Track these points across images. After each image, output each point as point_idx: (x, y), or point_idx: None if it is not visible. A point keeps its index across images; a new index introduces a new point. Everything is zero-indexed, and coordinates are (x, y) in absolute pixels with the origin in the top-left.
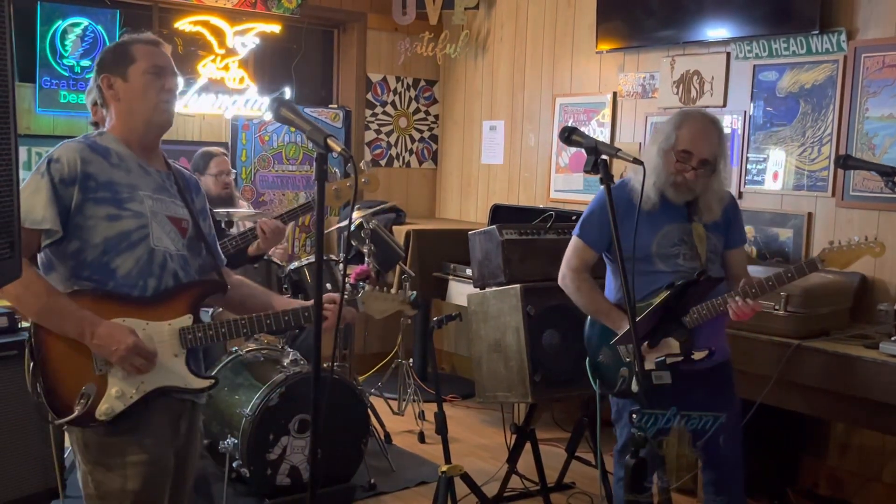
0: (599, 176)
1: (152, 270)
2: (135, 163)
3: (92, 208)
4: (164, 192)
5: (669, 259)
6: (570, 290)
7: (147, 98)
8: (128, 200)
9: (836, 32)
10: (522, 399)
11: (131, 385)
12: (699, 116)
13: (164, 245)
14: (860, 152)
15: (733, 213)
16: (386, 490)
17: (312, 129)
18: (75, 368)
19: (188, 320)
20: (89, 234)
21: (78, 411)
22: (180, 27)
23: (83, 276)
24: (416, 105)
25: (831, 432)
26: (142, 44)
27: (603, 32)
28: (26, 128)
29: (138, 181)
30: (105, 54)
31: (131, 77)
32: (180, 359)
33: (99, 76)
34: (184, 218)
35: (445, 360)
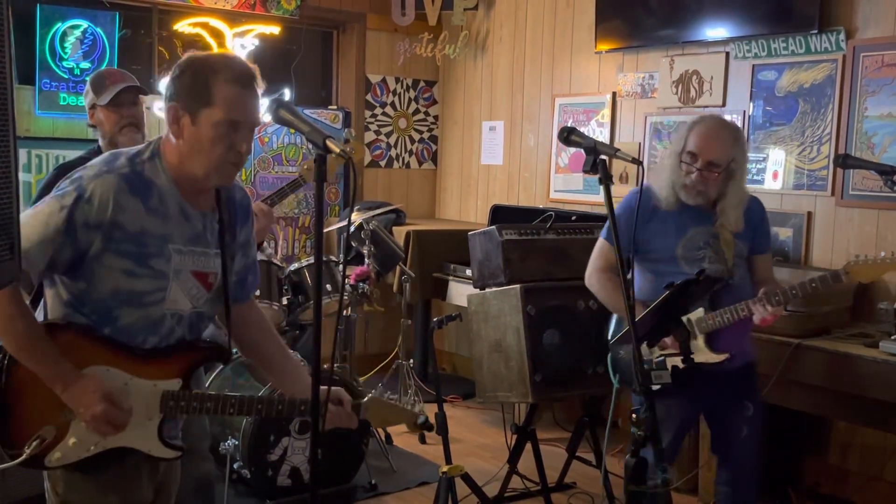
0: (598, 176)
1: (157, 331)
2: (176, 206)
3: (111, 259)
4: (199, 242)
5: (694, 262)
6: (595, 290)
7: (212, 154)
8: (153, 256)
9: (835, 32)
10: (523, 399)
11: (91, 439)
12: (711, 120)
13: (178, 307)
14: (859, 151)
15: (759, 218)
16: (387, 490)
17: (311, 131)
18: (41, 403)
19: (176, 385)
20: (100, 281)
21: (27, 453)
22: (179, 29)
23: (82, 312)
24: (416, 106)
25: (833, 431)
26: (228, 83)
27: (602, 32)
28: (26, 130)
29: (173, 230)
30: (182, 75)
31: (202, 122)
32: (153, 423)
33: (169, 101)
34: (212, 272)
35: (446, 361)
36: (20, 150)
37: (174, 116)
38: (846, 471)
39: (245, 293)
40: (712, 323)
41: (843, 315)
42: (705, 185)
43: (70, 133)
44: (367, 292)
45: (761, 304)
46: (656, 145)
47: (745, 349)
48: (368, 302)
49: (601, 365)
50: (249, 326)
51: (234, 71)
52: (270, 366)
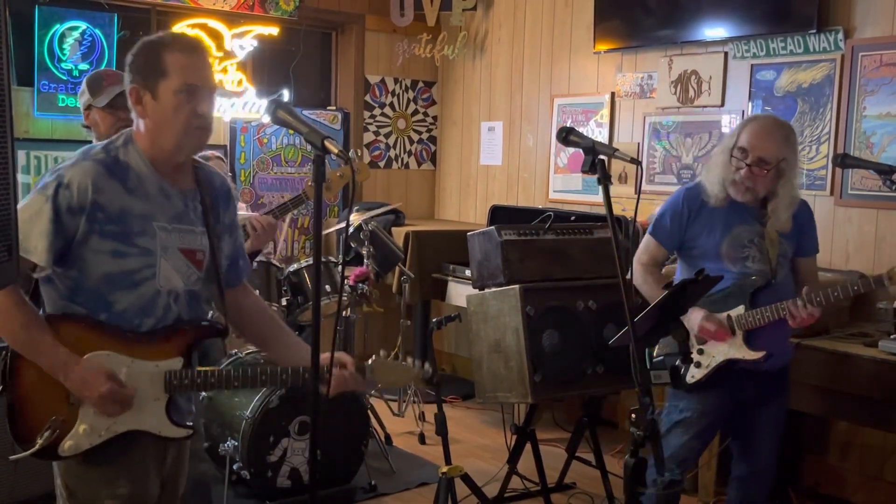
0: (597, 176)
1: (153, 311)
2: (155, 186)
3: (97, 242)
4: (183, 220)
5: (738, 261)
6: (637, 283)
7: (177, 122)
8: (138, 235)
9: (834, 31)
10: (522, 399)
11: (102, 424)
12: (764, 118)
13: (172, 284)
14: (858, 151)
15: (807, 221)
16: (386, 491)
17: (310, 132)
18: (48, 395)
19: (178, 363)
20: (90, 266)
21: (40, 444)
22: (178, 30)
23: (77, 301)
24: (415, 106)
25: (832, 431)
26: (178, 52)
27: (601, 33)
28: (24, 131)
29: (155, 209)
30: (136, 57)
31: (161, 94)
32: (160, 403)
33: (129, 85)
34: (199, 249)
35: (446, 361)
36: (19, 151)
37: (136, 97)
38: (846, 471)
39: (238, 277)
40: (752, 320)
41: (842, 315)
42: (754, 181)
43: (68, 134)
44: (367, 293)
45: (802, 304)
46: (655, 145)
47: (784, 350)
48: (367, 303)
49: (601, 365)
50: (246, 309)
51: (181, 41)
52: (270, 344)
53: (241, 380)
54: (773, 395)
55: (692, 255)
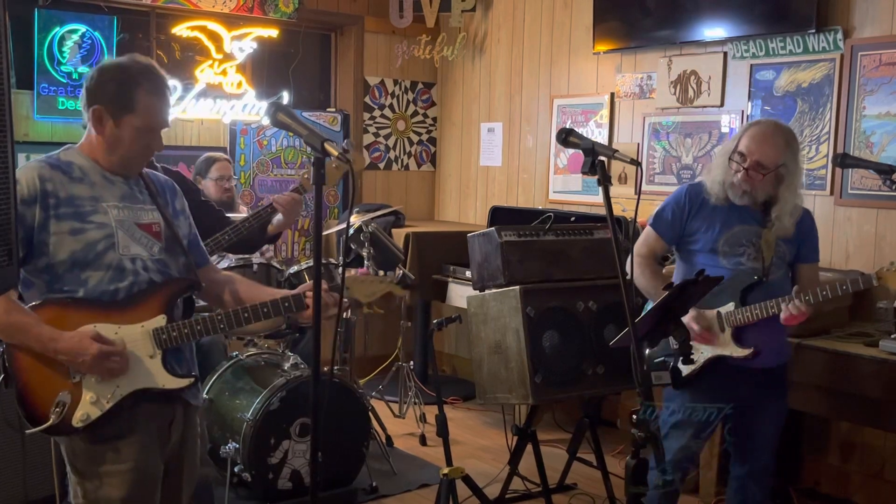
0: (597, 177)
1: (123, 277)
2: (98, 175)
3: (55, 225)
4: (132, 200)
5: (733, 258)
6: (634, 274)
7: (131, 150)
8: (91, 213)
9: (833, 31)
10: (523, 400)
11: (107, 390)
12: (766, 123)
13: (134, 252)
14: (858, 150)
15: (808, 228)
16: (388, 493)
17: (309, 134)
18: (50, 377)
19: (162, 320)
20: (55, 249)
21: (53, 419)
22: (178, 33)
23: (56, 289)
24: (414, 108)
25: (833, 431)
26: (148, 93)
27: (600, 33)
28: (24, 134)
29: (102, 192)
30: (106, 83)
31: (124, 126)
32: (156, 359)
33: (91, 104)
34: (154, 222)
35: (446, 363)
36: (18, 154)
37: (98, 117)
38: (846, 470)
39: (202, 257)
40: (741, 318)
41: (842, 314)
42: (751, 185)
43: (68, 137)
44: None
45: (791, 302)
46: (655, 146)
47: (778, 348)
48: (368, 304)
49: (601, 366)
50: (218, 283)
51: (153, 82)
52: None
53: (226, 322)
54: (771, 395)
55: (689, 250)
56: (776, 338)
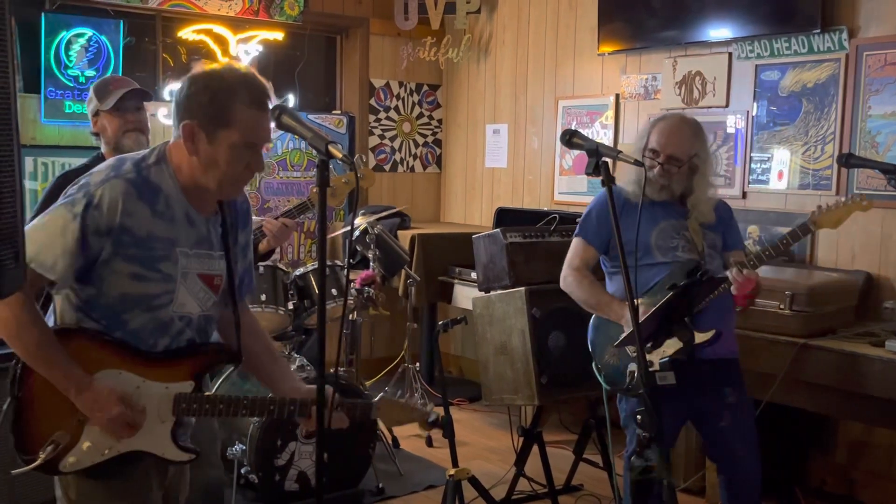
0: (601, 178)
1: (167, 332)
2: (182, 211)
3: (119, 264)
4: (205, 245)
5: (668, 251)
6: (571, 287)
7: (227, 172)
8: (160, 260)
9: (838, 31)
10: (529, 401)
11: (105, 443)
12: (671, 117)
13: (188, 310)
14: (863, 150)
15: (727, 215)
16: (394, 494)
17: (314, 136)
18: (55, 408)
19: (188, 387)
20: (109, 286)
21: (41, 459)
22: (183, 36)
23: (92, 316)
24: (420, 110)
25: (839, 430)
26: (247, 105)
27: (605, 34)
28: (32, 138)
29: (179, 234)
30: (200, 95)
31: (220, 142)
32: (166, 426)
33: (182, 118)
34: (217, 274)
35: (453, 364)
36: (26, 158)
37: (190, 134)
38: (853, 470)
39: (240, 295)
40: None
41: (848, 314)
42: (668, 179)
43: (76, 141)
44: (372, 296)
45: (737, 270)
46: None
47: (729, 337)
48: (374, 306)
49: None
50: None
51: (252, 93)
52: (259, 369)
53: (248, 409)
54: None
55: None
56: (727, 326)
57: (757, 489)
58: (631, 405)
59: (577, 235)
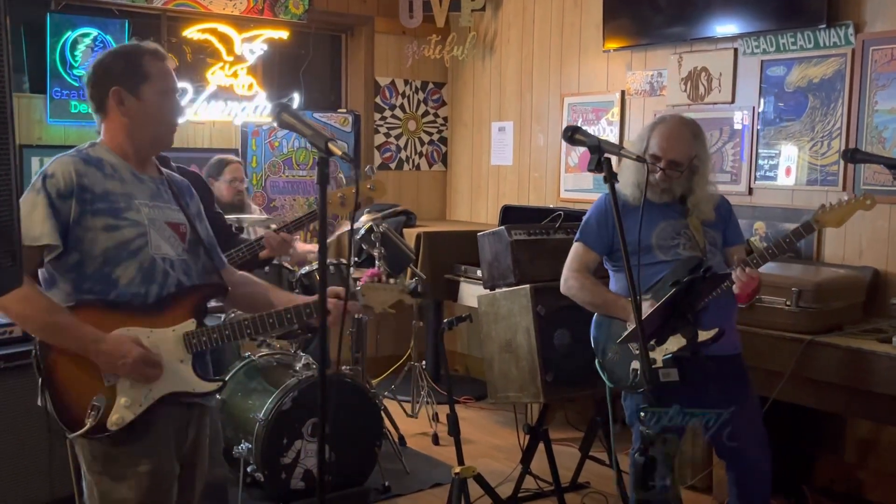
0: (603, 174)
1: (154, 277)
2: (128, 172)
3: (90, 220)
4: (160, 199)
5: (669, 249)
6: (574, 290)
7: (162, 120)
8: (125, 210)
9: (844, 26)
10: (534, 399)
11: (140, 393)
12: (671, 121)
13: (164, 251)
14: (870, 146)
15: (726, 212)
16: (400, 492)
17: (314, 134)
18: (84, 380)
19: (192, 325)
20: (89, 245)
21: (90, 423)
22: (188, 35)
23: (85, 289)
24: (425, 108)
25: (848, 429)
26: (153, 58)
27: (610, 31)
28: (38, 138)
29: (133, 190)
30: (114, 64)
31: (145, 95)
32: (187, 364)
33: (108, 87)
34: (181, 223)
35: (459, 362)
36: (32, 158)
37: (119, 98)
38: (861, 469)
39: (221, 261)
40: None
41: (855, 311)
42: (669, 182)
43: (81, 140)
44: None
45: (740, 269)
46: None
47: (732, 338)
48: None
49: None
50: (236, 285)
51: (149, 49)
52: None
53: (251, 327)
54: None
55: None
56: (729, 323)
57: (767, 486)
58: (636, 402)
59: (578, 240)
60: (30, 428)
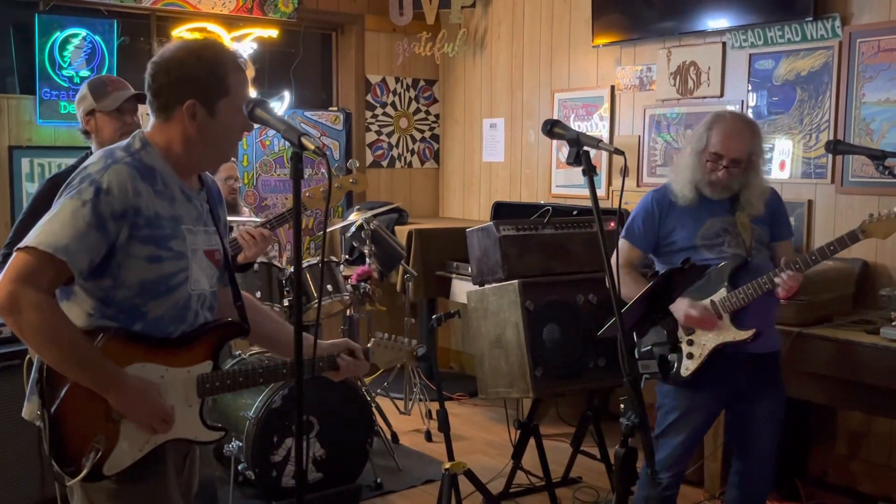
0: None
1: (185, 317)
2: (178, 189)
3: (135, 247)
4: (202, 221)
5: (714, 247)
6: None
7: (230, 139)
8: (170, 238)
9: (831, 18)
10: (524, 394)
11: (142, 438)
12: (729, 118)
13: (201, 287)
14: (858, 138)
15: (776, 206)
16: (392, 489)
17: (287, 129)
18: (87, 415)
19: (208, 367)
20: (126, 274)
21: (88, 466)
22: (178, 35)
23: (107, 315)
24: (417, 105)
25: (839, 420)
26: (236, 71)
27: (599, 27)
28: (28, 139)
29: (181, 211)
30: (196, 71)
31: (221, 112)
32: (194, 409)
33: (184, 96)
34: (216, 248)
35: (453, 359)
36: (22, 159)
37: (191, 113)
38: (853, 460)
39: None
40: (735, 301)
41: (845, 302)
42: (730, 181)
43: (71, 141)
44: (369, 292)
45: (782, 272)
46: (656, 138)
47: (771, 333)
48: (370, 301)
49: (602, 358)
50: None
51: (233, 57)
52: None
53: (264, 376)
54: (768, 385)
55: (670, 251)
56: (769, 321)
57: (768, 484)
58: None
59: (623, 237)
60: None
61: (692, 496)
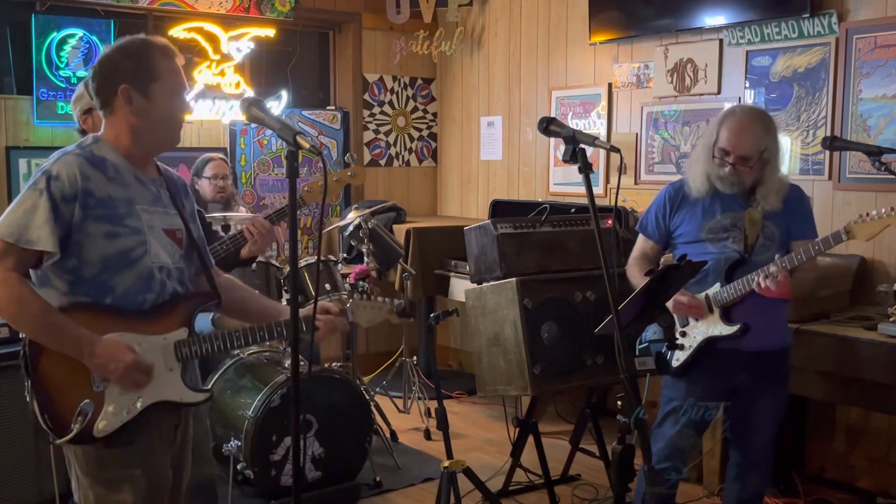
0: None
1: (151, 287)
2: (131, 175)
3: (91, 226)
4: (159, 203)
5: (718, 242)
6: (630, 276)
7: (170, 120)
8: (125, 217)
9: (828, 15)
10: (522, 392)
11: (128, 401)
12: (741, 114)
13: (162, 261)
14: (855, 134)
15: (797, 204)
16: (391, 487)
17: (282, 127)
18: (72, 384)
19: (183, 333)
20: (87, 252)
21: (75, 430)
22: (174, 35)
23: (80, 292)
24: (414, 104)
25: (837, 416)
26: (163, 55)
27: (596, 24)
28: (25, 140)
29: (135, 194)
30: (123, 61)
31: (155, 96)
32: (175, 373)
33: (116, 85)
34: (178, 228)
35: (452, 357)
36: (20, 159)
37: (128, 96)
38: (851, 455)
39: (210, 261)
40: (726, 296)
41: (843, 298)
42: (739, 176)
43: (69, 142)
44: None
45: (762, 275)
46: (654, 135)
47: (773, 330)
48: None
49: (600, 356)
50: (225, 288)
51: (161, 48)
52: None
53: (241, 338)
54: (769, 381)
55: (679, 243)
56: (770, 319)
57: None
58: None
59: (638, 229)
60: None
61: (691, 493)
